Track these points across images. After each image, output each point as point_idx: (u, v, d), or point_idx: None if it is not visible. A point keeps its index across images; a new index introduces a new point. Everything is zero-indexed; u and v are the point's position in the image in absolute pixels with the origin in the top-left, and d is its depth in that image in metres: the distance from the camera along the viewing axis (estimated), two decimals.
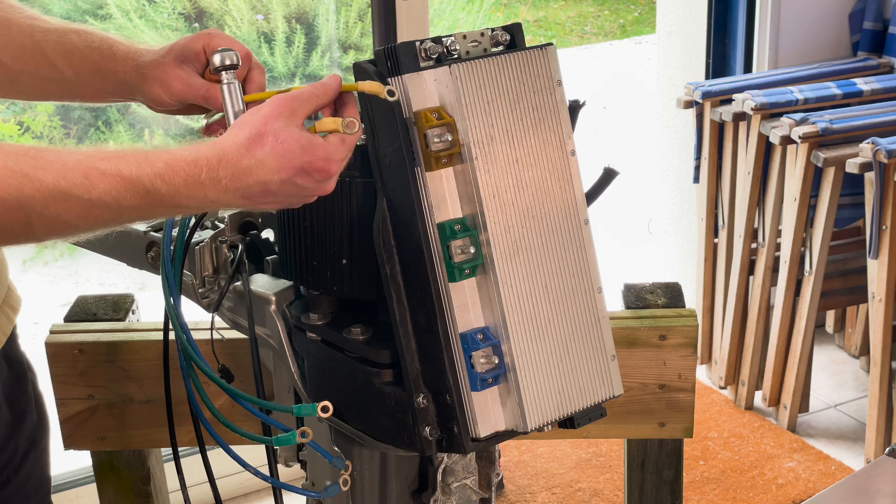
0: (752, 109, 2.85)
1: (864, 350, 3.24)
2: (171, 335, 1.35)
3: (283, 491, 1.32)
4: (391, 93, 1.05)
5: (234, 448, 1.33)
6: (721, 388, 3.17)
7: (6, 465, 1.28)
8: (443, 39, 1.09)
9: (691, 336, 1.60)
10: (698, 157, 3.08)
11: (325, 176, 1.02)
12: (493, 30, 1.13)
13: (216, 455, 2.87)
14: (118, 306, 1.70)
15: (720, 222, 3.09)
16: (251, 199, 1.00)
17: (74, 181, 0.92)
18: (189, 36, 1.21)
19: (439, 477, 1.27)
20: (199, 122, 1.24)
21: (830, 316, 3.39)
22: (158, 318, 1.49)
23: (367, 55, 3.98)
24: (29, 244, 0.97)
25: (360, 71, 1.09)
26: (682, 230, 3.44)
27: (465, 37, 1.11)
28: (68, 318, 1.68)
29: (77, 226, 0.94)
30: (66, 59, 1.19)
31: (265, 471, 1.27)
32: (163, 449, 1.77)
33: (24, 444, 1.32)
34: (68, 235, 0.96)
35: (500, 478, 1.56)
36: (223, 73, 1.09)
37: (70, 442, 1.64)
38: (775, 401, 3.02)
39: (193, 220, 1.28)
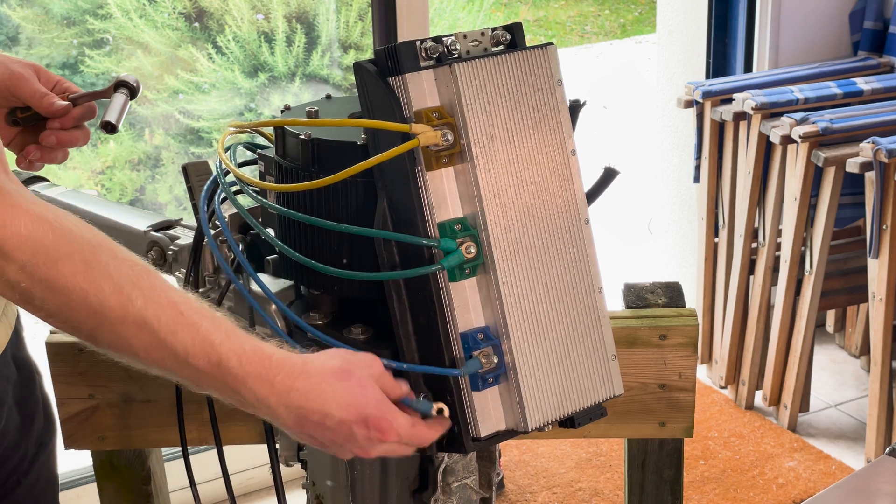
0: (752, 109, 2.85)
1: (865, 350, 3.24)
2: None
3: (285, 490, 1.32)
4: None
5: (235, 448, 1.33)
6: (721, 387, 3.17)
7: (16, 468, 1.29)
8: (443, 39, 1.08)
9: (692, 336, 1.59)
10: (698, 157, 3.08)
11: (379, 438, 1.00)
12: (493, 29, 1.13)
13: (216, 454, 2.86)
14: None
15: (720, 222, 3.09)
16: (301, 425, 0.99)
17: (161, 318, 0.92)
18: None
19: (440, 476, 1.27)
20: (198, 123, 1.24)
21: (831, 315, 3.39)
22: None
23: (368, 55, 3.98)
24: (86, 342, 0.97)
25: (360, 70, 1.09)
26: (683, 230, 3.44)
27: (465, 36, 1.11)
28: None
29: (137, 355, 0.94)
30: None
31: (266, 471, 1.27)
32: (163, 448, 1.77)
33: (32, 446, 1.32)
34: (124, 358, 0.96)
35: (500, 477, 1.56)
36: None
37: (70, 441, 1.64)
38: (776, 400, 3.02)
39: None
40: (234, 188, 1.30)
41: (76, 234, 0.91)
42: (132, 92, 1.42)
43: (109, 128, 1.38)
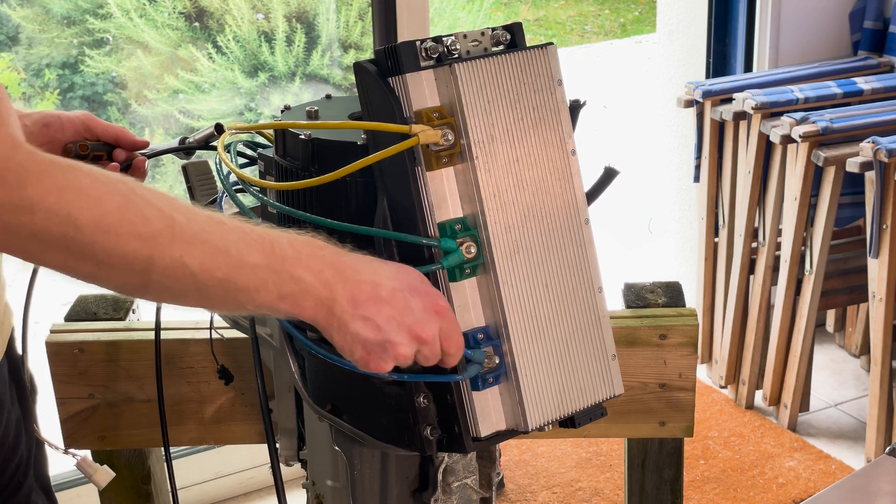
0: (752, 108, 2.85)
1: (865, 349, 3.24)
2: (163, 335, 1.35)
3: (285, 490, 1.32)
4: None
5: (235, 448, 1.33)
6: (721, 387, 3.17)
7: (17, 469, 1.28)
8: (443, 39, 1.08)
9: (692, 335, 1.60)
10: (699, 157, 3.08)
11: (434, 309, 1.01)
12: (493, 29, 1.13)
13: (216, 454, 2.87)
14: (118, 306, 1.70)
15: (720, 221, 3.09)
16: (357, 302, 0.98)
17: (205, 227, 0.93)
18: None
19: (440, 476, 1.27)
20: (198, 122, 1.24)
21: (831, 315, 3.39)
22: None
23: (368, 54, 3.98)
24: (140, 292, 0.95)
25: (360, 70, 1.09)
26: (683, 229, 3.44)
27: (465, 36, 1.11)
28: (69, 318, 1.68)
29: (195, 274, 0.93)
30: None
31: (266, 470, 1.27)
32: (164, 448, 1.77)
33: (30, 445, 1.31)
34: (184, 286, 0.94)
35: (500, 477, 1.56)
36: None
37: (70, 441, 1.64)
38: (776, 400, 3.02)
39: None
40: (234, 188, 1.30)
41: (107, 174, 0.92)
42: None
43: (219, 127, 1.45)
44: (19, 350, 1.35)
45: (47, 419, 1.63)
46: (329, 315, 0.98)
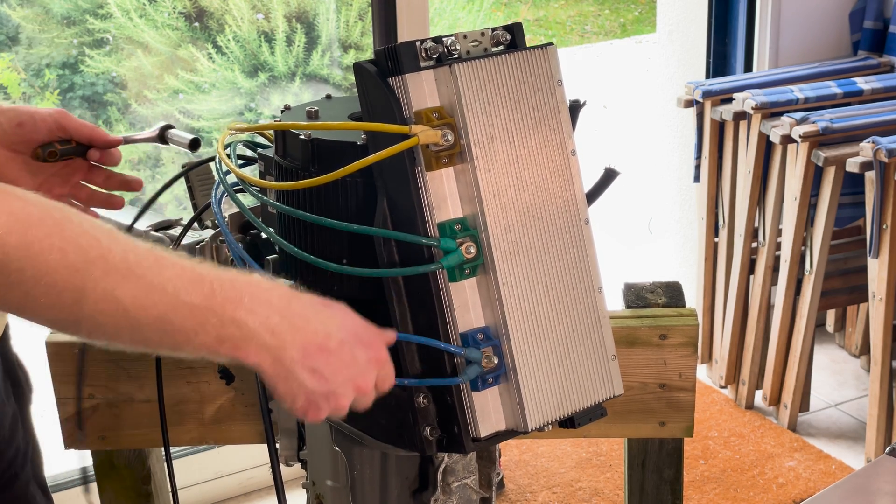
0: (752, 108, 2.85)
1: (865, 349, 3.24)
2: None
3: (285, 490, 1.31)
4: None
5: (235, 448, 1.33)
6: (721, 387, 3.17)
7: (13, 461, 1.28)
8: (443, 39, 1.08)
9: (692, 335, 1.60)
10: (699, 157, 3.08)
11: (375, 358, 1.01)
12: (493, 29, 1.12)
13: (216, 454, 2.87)
14: None
15: (720, 221, 3.09)
16: (307, 353, 0.96)
17: (142, 261, 0.90)
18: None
19: (440, 476, 1.27)
20: (198, 122, 1.24)
21: (831, 315, 3.39)
22: None
23: (368, 54, 3.98)
24: (73, 328, 0.92)
25: (360, 70, 1.09)
26: (683, 229, 3.44)
27: (465, 36, 1.11)
28: None
29: (128, 310, 0.89)
30: None
31: (266, 470, 1.27)
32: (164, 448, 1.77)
33: (26, 440, 1.32)
34: (117, 322, 0.90)
35: (500, 477, 1.56)
36: None
37: (70, 441, 1.64)
38: (776, 400, 3.02)
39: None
40: (234, 188, 1.30)
41: (42, 201, 0.89)
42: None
43: (195, 143, 1.42)
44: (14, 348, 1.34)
45: (47, 419, 1.63)
46: (276, 364, 0.96)
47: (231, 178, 1.29)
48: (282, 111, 1.29)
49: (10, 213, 0.85)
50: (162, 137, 1.45)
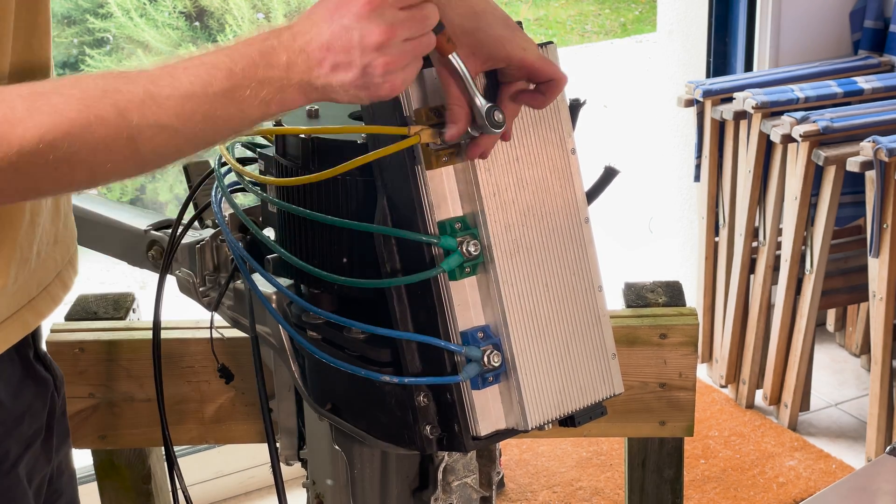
0: (752, 108, 2.84)
1: (865, 349, 3.23)
2: (163, 335, 1.35)
3: (285, 489, 1.32)
4: None
5: (235, 447, 1.33)
6: (722, 386, 3.17)
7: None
8: None
9: (692, 335, 1.60)
10: (699, 156, 3.08)
11: (367, 9, 0.94)
12: None
13: (217, 454, 2.87)
14: (119, 305, 1.70)
15: (721, 221, 3.09)
16: (318, 62, 0.94)
17: (161, 82, 0.93)
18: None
19: (440, 475, 1.27)
20: None
21: (831, 314, 3.39)
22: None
23: None
24: (136, 169, 0.96)
25: None
26: (683, 229, 3.44)
27: None
28: (69, 317, 1.68)
29: (176, 128, 0.93)
30: None
31: (266, 470, 1.27)
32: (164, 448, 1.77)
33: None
34: (171, 144, 0.95)
35: (500, 476, 1.56)
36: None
37: (71, 440, 1.64)
38: (776, 399, 3.02)
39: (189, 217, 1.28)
40: (231, 188, 1.30)
41: (55, 84, 0.93)
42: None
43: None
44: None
45: None
46: (315, 90, 0.96)
47: (229, 180, 1.29)
48: None
49: (39, 111, 0.89)
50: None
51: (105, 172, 0.95)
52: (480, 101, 1.03)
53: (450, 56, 1.02)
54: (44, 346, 1.24)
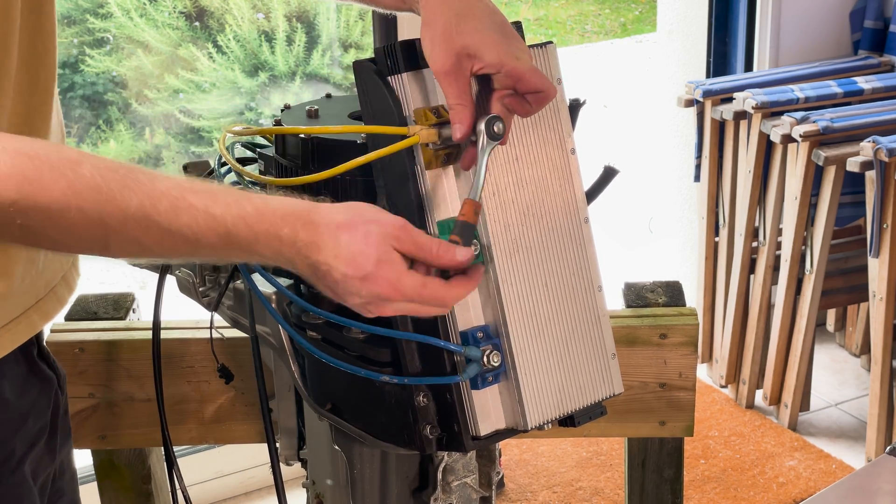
0: (752, 108, 2.84)
1: (865, 349, 3.23)
2: (163, 335, 1.35)
3: (285, 489, 1.32)
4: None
5: (235, 447, 1.33)
6: (722, 386, 3.17)
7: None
8: None
9: (692, 335, 1.60)
10: (699, 156, 3.08)
11: (381, 297, 0.98)
12: None
13: (217, 454, 2.87)
14: (119, 305, 1.70)
15: (721, 221, 3.09)
16: (316, 275, 0.98)
17: (159, 208, 0.92)
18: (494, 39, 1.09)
19: (440, 475, 1.27)
20: (198, 122, 1.23)
21: (831, 314, 3.39)
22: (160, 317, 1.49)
23: (368, 54, 3.98)
24: (101, 255, 0.96)
25: (360, 69, 1.09)
26: (683, 229, 3.44)
27: None
28: (69, 317, 1.68)
29: (153, 250, 0.94)
30: None
31: (266, 470, 1.27)
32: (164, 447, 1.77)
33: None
34: (143, 257, 0.97)
35: (500, 476, 1.56)
36: (487, 139, 1.04)
37: (72, 440, 1.64)
38: (776, 399, 3.02)
39: None
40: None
41: (54, 156, 0.91)
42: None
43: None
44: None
45: None
46: (301, 271, 0.99)
47: (228, 180, 1.29)
48: (282, 110, 1.29)
49: (24, 177, 0.88)
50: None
51: (68, 249, 0.96)
52: (480, 127, 1.04)
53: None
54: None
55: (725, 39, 3.24)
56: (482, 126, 1.03)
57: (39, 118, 1.11)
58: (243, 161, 1.34)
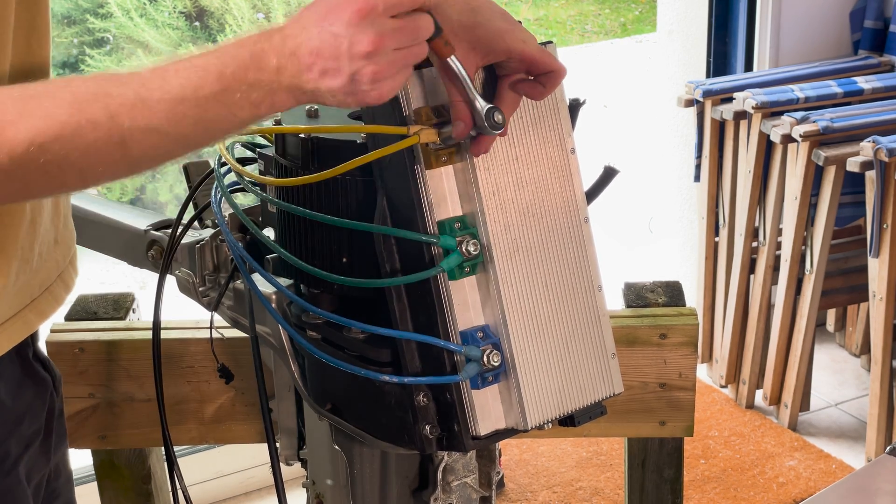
0: (752, 108, 2.84)
1: (865, 349, 3.23)
2: (163, 335, 1.35)
3: (285, 489, 1.32)
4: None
5: (235, 447, 1.33)
6: (722, 386, 3.17)
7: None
8: None
9: (692, 335, 1.60)
10: (699, 156, 3.08)
11: (356, 15, 0.92)
12: None
13: (217, 454, 2.87)
14: (119, 305, 1.70)
15: (721, 221, 3.09)
16: (308, 68, 0.94)
17: (152, 85, 0.93)
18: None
19: (440, 475, 1.27)
20: None
21: (831, 314, 3.39)
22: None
23: None
24: (127, 171, 0.97)
25: None
26: (683, 229, 3.44)
27: None
28: (69, 317, 1.68)
29: (166, 131, 0.93)
30: None
31: (266, 470, 1.27)
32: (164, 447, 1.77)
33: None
34: (161, 146, 0.95)
35: (500, 476, 1.56)
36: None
37: (70, 441, 1.63)
38: (776, 399, 3.02)
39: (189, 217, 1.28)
40: (231, 188, 1.30)
41: (50, 86, 0.93)
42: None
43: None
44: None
45: None
46: (304, 94, 0.96)
47: (228, 180, 1.29)
48: None
49: (32, 114, 0.90)
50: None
51: (95, 175, 0.96)
52: (480, 104, 1.03)
53: (448, 59, 1.02)
54: (42, 347, 1.24)
55: (725, 39, 3.24)
56: (482, 113, 1.03)
57: None
58: (243, 161, 1.33)
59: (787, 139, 2.78)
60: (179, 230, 1.35)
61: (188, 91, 0.93)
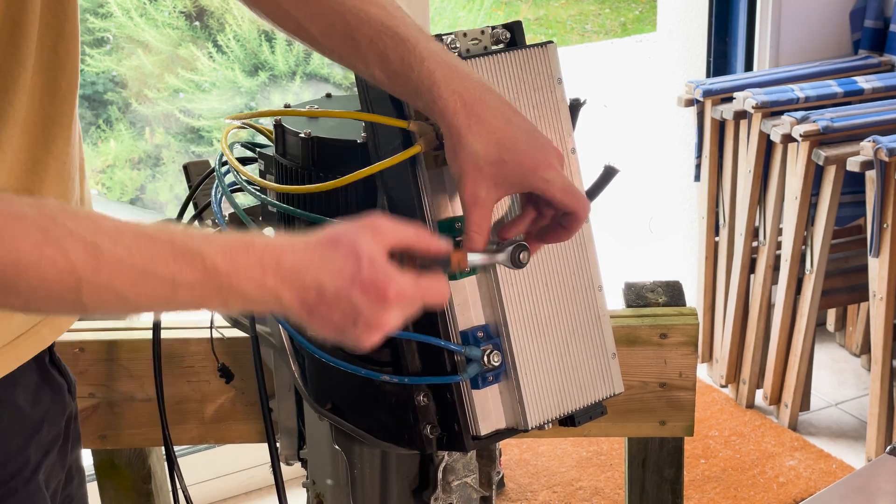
0: (752, 108, 2.84)
1: (865, 348, 3.23)
2: (163, 334, 1.35)
3: (285, 489, 1.32)
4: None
5: (235, 447, 1.33)
6: (722, 386, 3.17)
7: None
8: (443, 37, 1.08)
9: (692, 334, 1.59)
10: (699, 156, 3.08)
11: (381, 300, 0.91)
12: (493, 28, 1.13)
13: (217, 454, 2.87)
14: None
15: (721, 221, 3.09)
16: (306, 307, 0.92)
17: (132, 250, 0.87)
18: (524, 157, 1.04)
19: (440, 475, 1.27)
20: (198, 122, 1.23)
21: (831, 314, 3.39)
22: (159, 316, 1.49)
23: None
24: (76, 314, 0.92)
25: None
26: (683, 229, 3.44)
27: (465, 35, 1.11)
28: None
29: (128, 298, 0.88)
30: (381, 66, 1.05)
31: (267, 469, 1.27)
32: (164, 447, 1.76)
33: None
34: (118, 309, 0.90)
35: (500, 476, 1.56)
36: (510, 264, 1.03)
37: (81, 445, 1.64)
38: (776, 399, 3.02)
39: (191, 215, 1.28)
40: (231, 188, 1.30)
41: (24, 208, 0.87)
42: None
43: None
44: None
45: None
46: (288, 316, 0.94)
47: (229, 179, 1.29)
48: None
49: (11, 239, 0.84)
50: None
51: (38, 308, 0.92)
52: (503, 257, 1.02)
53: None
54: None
55: (725, 39, 3.24)
56: (508, 252, 1.02)
57: (58, 128, 1.07)
58: (243, 161, 1.34)
59: (788, 139, 2.78)
60: None
61: (165, 271, 0.88)
